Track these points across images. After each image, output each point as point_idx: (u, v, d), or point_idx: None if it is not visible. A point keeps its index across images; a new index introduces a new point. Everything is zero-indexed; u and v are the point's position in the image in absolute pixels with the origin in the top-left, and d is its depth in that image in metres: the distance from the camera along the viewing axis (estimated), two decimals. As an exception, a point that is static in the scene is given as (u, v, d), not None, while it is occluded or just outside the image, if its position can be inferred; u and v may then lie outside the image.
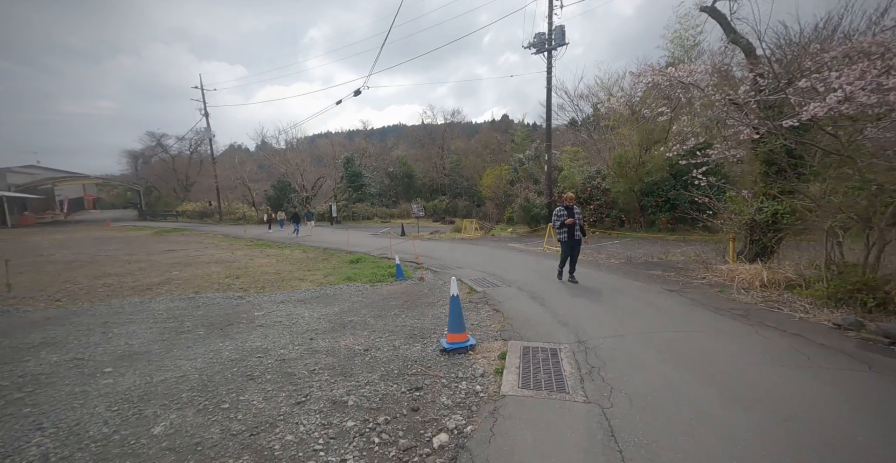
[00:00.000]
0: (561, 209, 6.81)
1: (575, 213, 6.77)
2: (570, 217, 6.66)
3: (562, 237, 6.84)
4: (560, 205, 6.88)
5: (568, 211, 6.78)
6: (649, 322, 4.77)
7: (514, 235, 17.44)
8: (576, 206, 6.90)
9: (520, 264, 9.77)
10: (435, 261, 11.08)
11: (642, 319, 4.91)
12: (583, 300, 6.05)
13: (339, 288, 7.95)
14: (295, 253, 14.19)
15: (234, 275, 9.62)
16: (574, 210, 6.83)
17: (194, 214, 32.65)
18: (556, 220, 6.78)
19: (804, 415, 2.68)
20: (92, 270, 10.53)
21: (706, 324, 4.61)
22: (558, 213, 6.77)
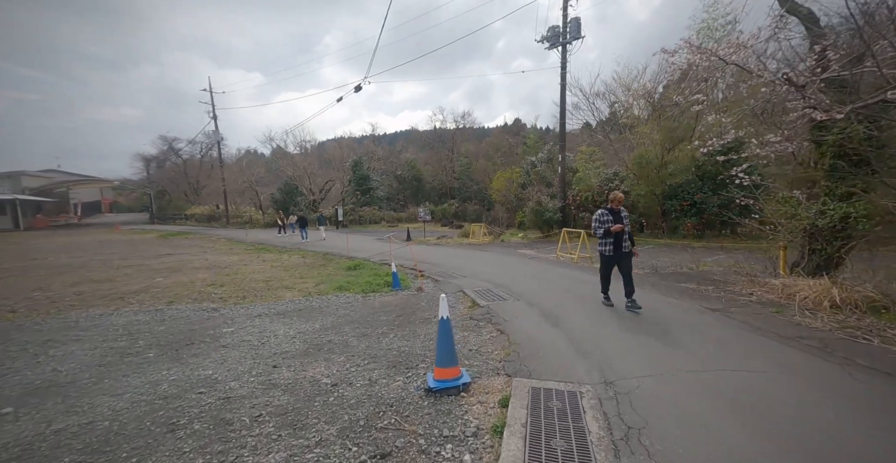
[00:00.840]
0: (604, 213, 5.35)
1: (623, 218, 5.34)
2: (618, 222, 5.25)
3: (605, 249, 5.39)
4: (603, 208, 5.46)
5: (614, 215, 5.31)
6: (695, 355, 3.76)
7: (525, 240, 16.43)
8: (624, 210, 5.47)
9: (530, 274, 8.80)
10: (437, 268, 10.18)
11: (685, 349, 3.90)
12: (605, 321, 5.06)
13: (328, 299, 7.12)
14: (293, 258, 13.48)
15: (220, 282, 8.89)
16: (622, 214, 5.38)
17: (202, 218, 32.55)
18: (599, 226, 5.30)
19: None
20: (75, 275, 9.96)
21: (774, 359, 3.57)
22: (601, 219, 5.31)
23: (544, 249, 13.33)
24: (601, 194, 14.90)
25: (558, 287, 7.27)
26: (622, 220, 5.33)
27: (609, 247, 5.37)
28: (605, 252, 5.42)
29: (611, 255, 5.38)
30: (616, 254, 5.35)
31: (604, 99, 17.75)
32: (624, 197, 5.36)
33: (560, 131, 15.75)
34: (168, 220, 34.85)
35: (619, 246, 5.34)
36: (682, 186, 13.10)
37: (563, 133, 15.64)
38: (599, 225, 5.35)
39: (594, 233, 5.40)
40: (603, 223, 5.33)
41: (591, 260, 10.14)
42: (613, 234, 5.22)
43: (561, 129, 15.69)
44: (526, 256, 11.96)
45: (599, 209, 5.50)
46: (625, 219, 5.39)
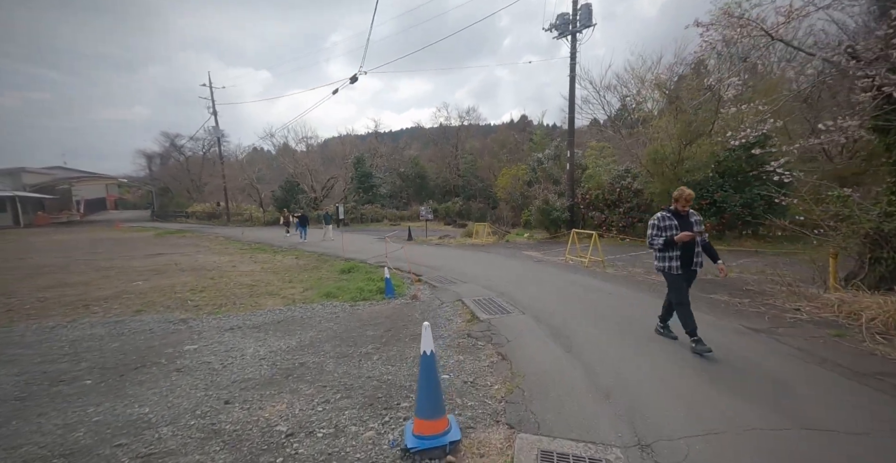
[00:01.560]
0: (666, 217, 3.97)
1: (695, 224, 3.93)
2: (686, 229, 3.86)
3: (669, 265, 3.96)
4: (664, 210, 4.08)
5: (680, 220, 3.94)
6: (755, 400, 2.92)
7: (530, 241, 15.62)
8: (695, 214, 4.05)
9: (538, 280, 8.02)
10: (436, 272, 9.44)
11: (738, 391, 3.09)
12: (627, 343, 4.28)
13: (312, 308, 6.41)
14: (286, 260, 12.82)
15: (202, 287, 8.24)
16: (692, 218, 3.98)
17: (203, 216, 32.13)
18: (658, 234, 3.95)
19: None
20: (50, 278, 9.37)
21: (865, 409, 2.74)
22: (661, 224, 3.95)
23: (552, 250, 12.53)
24: (612, 192, 14.03)
25: (569, 297, 6.49)
26: (692, 227, 3.88)
27: (674, 262, 3.92)
28: (669, 269, 3.97)
29: (676, 273, 3.94)
30: (686, 271, 3.96)
31: (615, 92, 16.83)
32: (692, 194, 3.90)
33: (569, 125, 14.88)
34: (169, 218, 34.50)
35: (689, 261, 3.92)
36: (700, 184, 12.19)
37: (572, 127, 14.77)
38: (658, 232, 3.94)
39: (650, 243, 4.06)
40: (664, 230, 3.90)
41: (603, 264, 9.33)
42: (680, 245, 3.84)
43: (570, 123, 14.82)
44: (532, 258, 11.17)
45: (659, 212, 4.08)
46: (697, 225, 3.92)
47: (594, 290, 6.97)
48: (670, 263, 3.97)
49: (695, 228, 3.90)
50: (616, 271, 8.71)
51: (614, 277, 8.02)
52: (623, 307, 5.76)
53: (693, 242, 3.89)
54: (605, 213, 14.29)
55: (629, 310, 5.59)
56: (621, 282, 7.57)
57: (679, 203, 3.95)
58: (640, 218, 13.43)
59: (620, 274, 8.41)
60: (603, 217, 14.26)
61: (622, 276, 8.20)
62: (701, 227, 3.96)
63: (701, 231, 3.92)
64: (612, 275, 8.31)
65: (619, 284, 7.40)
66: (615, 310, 5.61)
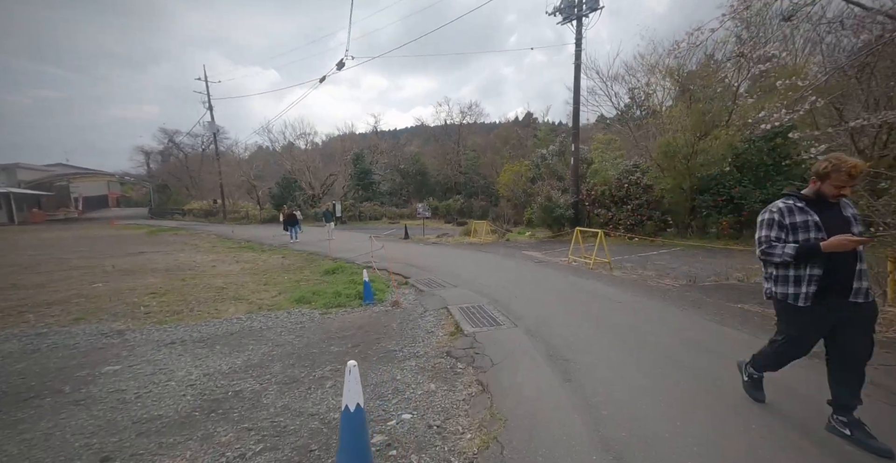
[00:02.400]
0: (796, 208, 2.28)
1: (853, 222, 2.23)
2: (838, 228, 2.16)
3: (798, 292, 2.24)
4: (788, 195, 2.40)
5: (826, 212, 2.24)
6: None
7: (532, 239, 14.74)
8: (850, 204, 2.30)
9: (536, 283, 7.16)
10: (426, 274, 8.62)
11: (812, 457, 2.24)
12: (645, 371, 3.42)
13: (277, 317, 5.61)
14: (272, 259, 12.07)
15: (165, 290, 7.48)
16: (847, 210, 2.26)
17: (200, 213, 31.57)
18: (779, 239, 2.29)
19: None
20: (3, 280, 8.67)
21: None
22: (790, 221, 2.27)
23: (554, 250, 11.64)
24: (620, 188, 13.09)
25: (571, 306, 5.63)
26: (851, 225, 2.21)
27: (808, 287, 2.22)
28: (796, 298, 2.25)
29: (810, 306, 2.23)
30: (830, 304, 2.21)
31: (623, 83, 15.86)
32: (856, 172, 2.10)
33: (573, 116, 13.95)
34: (167, 216, 33.99)
35: (839, 286, 2.19)
36: (716, 179, 11.24)
37: (576, 118, 13.84)
38: (781, 235, 2.28)
39: (763, 254, 2.33)
40: (793, 231, 2.25)
41: (609, 266, 8.44)
42: (826, 256, 2.14)
43: (574, 114, 13.89)
44: (532, 259, 10.30)
45: (781, 200, 2.38)
46: (856, 222, 2.24)
47: (599, 296, 6.10)
48: (800, 287, 2.23)
49: (854, 229, 2.19)
50: (624, 274, 7.82)
51: (622, 282, 7.13)
52: (635, 319, 4.88)
53: (853, 255, 2.16)
54: (612, 210, 13.36)
55: (642, 323, 4.72)
56: (630, 287, 6.68)
57: (832, 181, 2.16)
58: (649, 215, 12.48)
59: (629, 277, 7.51)
60: (609, 215, 13.34)
61: (631, 280, 7.31)
62: (859, 225, 2.24)
63: (864, 236, 2.17)
64: (619, 278, 7.42)
65: (629, 289, 6.51)
66: (625, 323, 4.74)
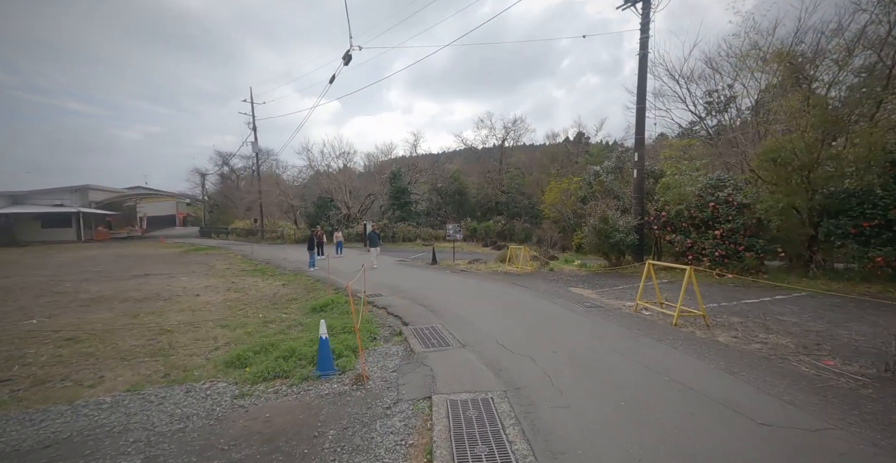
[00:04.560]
0: None
1: None
2: None
3: None
4: None
5: None
6: None
7: (582, 271, 11.87)
8: None
9: (590, 353, 4.52)
10: (434, 318, 6.37)
11: None
12: None
13: (168, 397, 3.61)
14: (271, 287, 10.46)
15: (93, 333, 5.90)
16: None
17: (242, 232, 32.03)
18: None
19: None
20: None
21: None
22: None
23: (612, 288, 8.78)
24: (703, 208, 9.98)
25: (660, 419, 2.98)
26: None
27: None
28: None
29: None
30: None
31: (703, 82, 12.88)
32: None
33: (637, 118, 11.22)
34: (213, 234, 35.07)
35: None
36: (857, 196, 7.89)
37: (641, 120, 11.11)
38: None
39: None
40: None
41: (705, 323, 5.56)
42: None
43: (639, 115, 11.18)
44: (583, 300, 7.58)
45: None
46: None
47: (710, 398, 3.37)
48: None
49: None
50: (735, 340, 4.93)
51: (740, 359, 4.29)
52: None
53: None
54: (692, 236, 10.23)
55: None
56: (765, 376, 3.85)
57: None
58: (747, 245, 9.21)
59: (747, 349, 4.62)
60: (688, 242, 10.20)
61: (754, 355, 4.42)
62: None
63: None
64: (731, 351, 4.57)
65: (766, 383, 3.70)
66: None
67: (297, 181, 34.35)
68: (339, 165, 31.62)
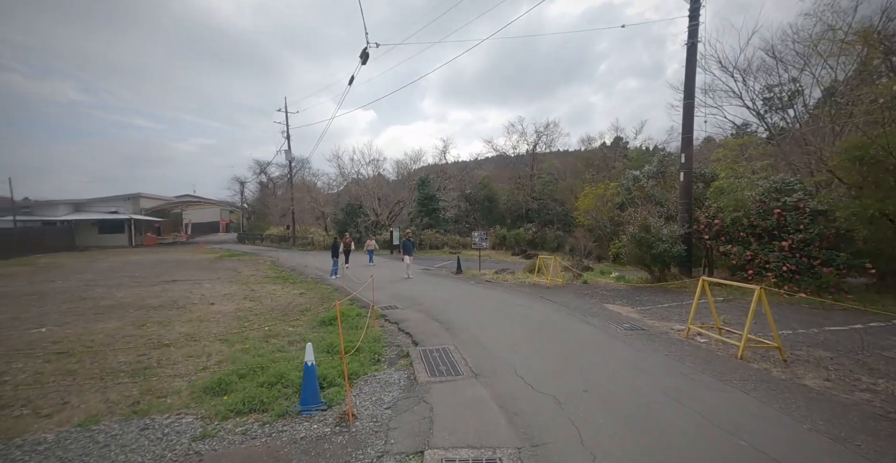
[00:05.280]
0: None
1: None
2: None
3: None
4: None
5: None
6: None
7: (620, 284, 10.68)
8: None
9: (634, 394, 3.58)
10: (449, 338, 5.67)
11: None
12: None
13: (116, 439, 3.10)
14: (289, 295, 10.18)
15: (89, 346, 5.68)
16: None
17: (276, 238, 32.87)
18: None
19: None
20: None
21: None
22: None
23: (656, 306, 7.64)
24: (766, 215, 8.61)
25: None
26: None
27: None
28: None
29: None
30: None
31: (762, 74, 11.42)
32: None
33: (684, 115, 10.01)
34: (250, 240, 36.30)
35: None
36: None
37: (689, 117, 9.90)
38: None
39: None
40: None
41: (782, 359, 4.45)
42: None
43: (686, 112, 9.98)
44: (621, 320, 6.55)
45: None
46: None
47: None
48: None
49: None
50: (829, 383, 3.82)
51: (843, 412, 3.22)
52: None
53: None
54: (752, 247, 8.85)
55: None
56: (886, 441, 2.78)
57: None
58: (825, 259, 7.76)
59: (850, 397, 3.51)
60: (748, 254, 8.83)
61: (862, 406, 3.32)
62: None
63: None
64: (824, 398, 3.49)
65: (886, 452, 2.64)
66: None
67: (331, 189, 34.93)
68: (368, 172, 31.84)
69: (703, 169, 11.59)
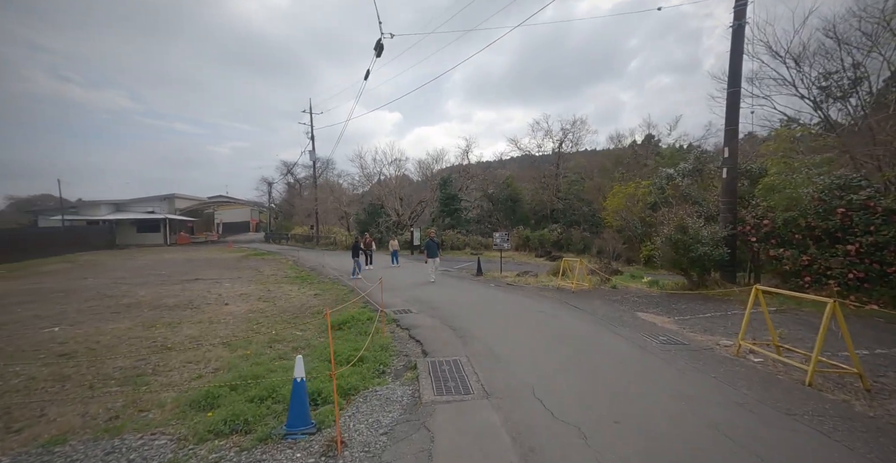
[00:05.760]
0: None
1: None
2: None
3: None
4: None
5: None
6: None
7: (654, 290, 9.81)
8: None
9: (678, 430, 2.92)
10: (461, 348, 5.17)
11: None
12: None
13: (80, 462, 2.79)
14: (304, 296, 10.00)
15: (90, 348, 5.56)
16: None
17: (300, 238, 33.38)
18: None
19: None
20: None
21: None
22: None
23: (696, 317, 6.82)
24: (826, 215, 7.57)
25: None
26: None
27: None
28: None
29: None
30: None
31: (819, 60, 10.20)
32: None
33: (728, 105, 9.04)
34: (276, 240, 37.08)
35: None
36: None
37: (734, 107, 8.93)
38: None
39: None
40: None
41: (864, 386, 3.66)
42: None
43: (730, 100, 9.01)
44: (656, 332, 5.81)
45: None
46: None
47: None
48: None
49: None
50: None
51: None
52: None
53: None
54: (810, 251, 7.82)
55: None
56: None
57: None
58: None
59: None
60: (804, 259, 7.81)
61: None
62: None
63: None
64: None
65: None
66: None
67: (355, 189, 35.17)
68: (390, 172, 31.76)
69: (748, 165, 10.49)
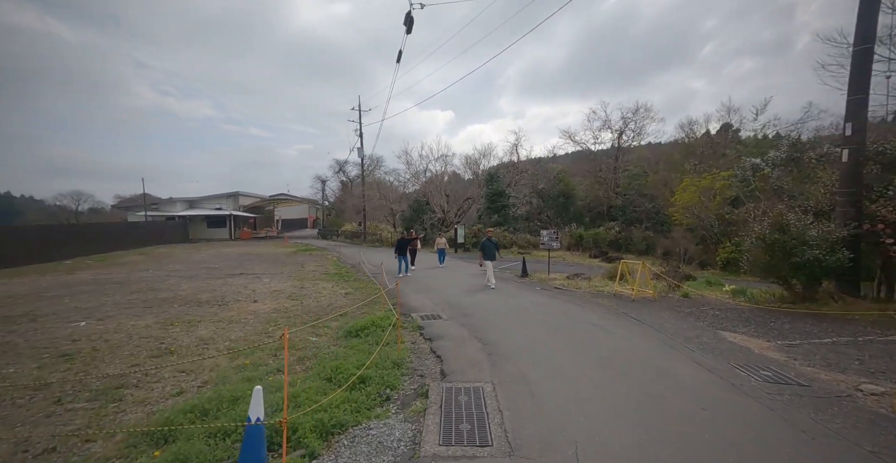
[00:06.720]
0: None
1: None
2: None
3: None
4: None
5: None
6: None
7: (741, 302, 7.97)
8: None
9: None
10: (487, 371, 4.18)
11: None
12: None
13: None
14: (335, 295, 9.56)
15: (97, 348, 5.34)
16: None
17: (349, 234, 34.05)
18: None
19: None
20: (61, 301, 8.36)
21: None
22: None
23: (810, 342, 5.14)
24: None
25: None
26: None
27: None
28: None
29: None
30: None
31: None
32: None
33: (854, 67, 6.93)
34: (327, 236, 38.30)
35: None
36: None
37: (865, 67, 6.83)
38: None
39: None
40: None
41: None
42: None
43: (855, 60, 6.92)
44: (752, 362, 4.33)
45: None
46: None
47: None
48: None
49: None
50: None
51: None
52: None
53: None
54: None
55: None
56: None
57: None
58: None
59: None
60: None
61: None
62: None
63: None
64: None
65: None
66: None
67: (404, 187, 35.17)
68: (436, 168, 31.19)
69: (881, 146, 8.11)
